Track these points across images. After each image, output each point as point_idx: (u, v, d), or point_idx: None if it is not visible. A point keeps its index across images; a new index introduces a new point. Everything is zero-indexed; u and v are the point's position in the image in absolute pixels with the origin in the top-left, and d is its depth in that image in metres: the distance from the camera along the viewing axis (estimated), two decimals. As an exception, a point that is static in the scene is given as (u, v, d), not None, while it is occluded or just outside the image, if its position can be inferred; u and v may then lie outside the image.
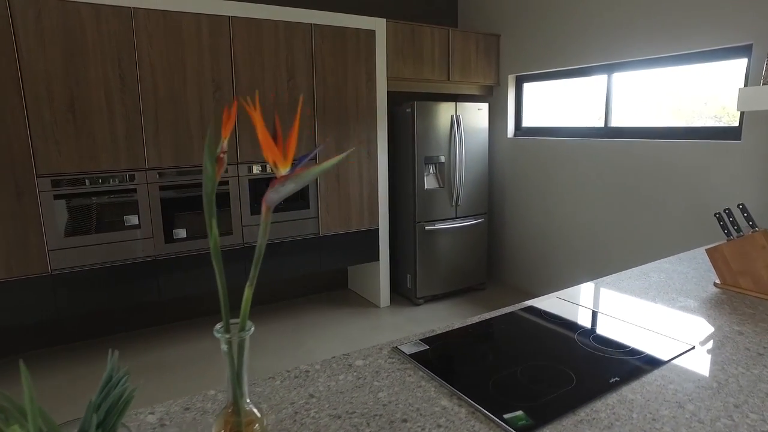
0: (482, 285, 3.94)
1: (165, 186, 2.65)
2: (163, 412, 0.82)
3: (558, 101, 3.66)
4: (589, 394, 0.83)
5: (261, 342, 3.05)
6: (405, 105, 3.46)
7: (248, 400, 0.65)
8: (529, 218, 3.79)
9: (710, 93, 2.75)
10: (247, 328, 0.62)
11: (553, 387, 0.85)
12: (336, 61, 3.09)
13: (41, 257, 2.40)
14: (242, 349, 0.63)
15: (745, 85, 2.50)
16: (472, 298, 3.77)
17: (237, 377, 0.63)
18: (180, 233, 2.71)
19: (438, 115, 3.48)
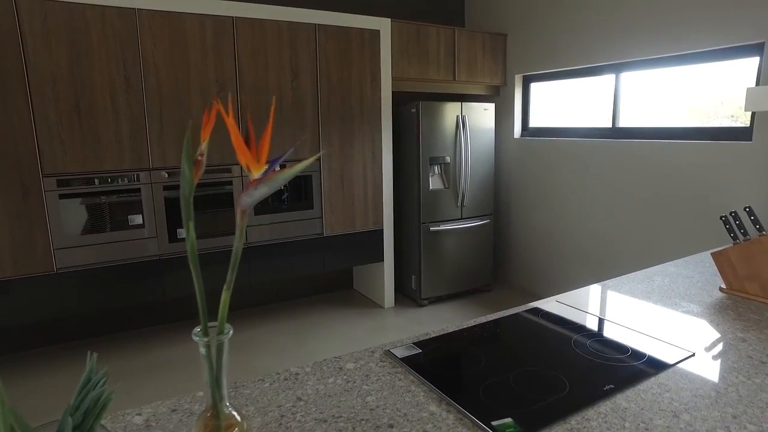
0: (488, 286, 3.90)
1: (169, 186, 2.67)
2: (150, 413, 0.82)
3: (565, 101, 3.61)
4: (581, 402, 0.81)
5: (264, 342, 3.06)
6: (410, 105, 3.44)
7: (228, 404, 0.64)
8: (535, 219, 3.75)
9: (726, 92, 2.68)
10: (225, 332, 0.61)
11: (545, 393, 0.83)
12: (340, 61, 3.08)
13: (47, 256, 2.43)
14: (221, 353, 0.62)
15: (756, 84, 2.44)
16: (477, 300, 3.74)
17: (216, 381, 0.62)
18: (184, 233, 2.72)
19: (443, 115, 3.46)
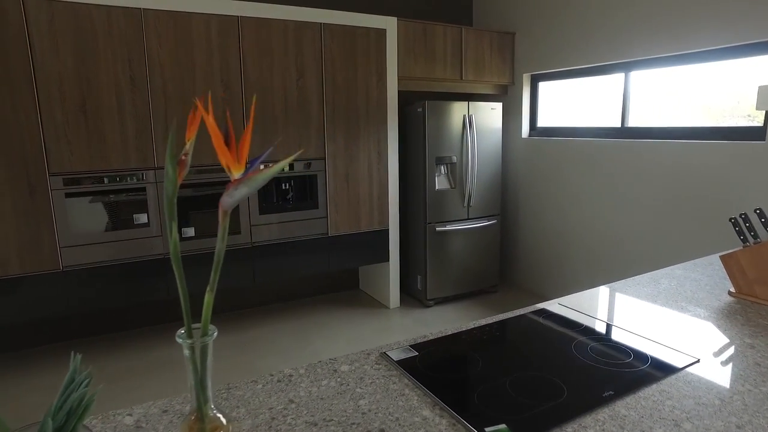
0: (494, 288, 3.87)
1: (174, 185, 2.68)
2: (140, 414, 0.81)
3: (574, 101, 3.57)
4: (579, 409, 0.78)
5: (268, 342, 3.06)
6: (416, 104, 3.42)
7: (213, 407, 0.63)
8: (543, 220, 3.71)
9: (743, 90, 2.61)
10: (209, 333, 0.60)
11: (541, 399, 0.81)
12: (346, 61, 3.07)
13: (53, 254, 2.45)
14: (205, 355, 0.61)
15: (770, 83, 2.38)
16: (483, 301, 3.71)
17: (200, 383, 0.61)
18: (189, 231, 2.73)
19: (450, 115, 3.43)
